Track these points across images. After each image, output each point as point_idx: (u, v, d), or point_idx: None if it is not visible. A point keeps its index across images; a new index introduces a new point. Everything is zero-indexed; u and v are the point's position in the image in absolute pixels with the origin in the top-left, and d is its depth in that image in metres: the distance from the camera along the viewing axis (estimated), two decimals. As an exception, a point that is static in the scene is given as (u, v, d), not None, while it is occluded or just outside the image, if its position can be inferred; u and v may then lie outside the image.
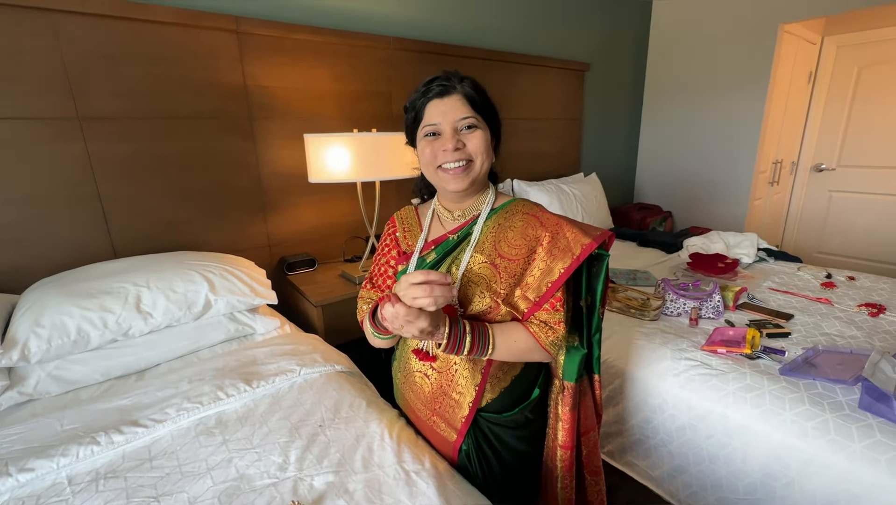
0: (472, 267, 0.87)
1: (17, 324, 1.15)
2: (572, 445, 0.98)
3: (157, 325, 1.28)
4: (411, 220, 1.01)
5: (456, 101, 0.84)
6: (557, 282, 0.83)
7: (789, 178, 3.80)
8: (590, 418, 1.03)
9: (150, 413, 1.03)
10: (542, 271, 0.85)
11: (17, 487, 0.84)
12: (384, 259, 1.00)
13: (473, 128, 0.84)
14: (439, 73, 0.87)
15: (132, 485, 0.86)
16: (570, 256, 0.83)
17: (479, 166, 0.86)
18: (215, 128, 1.68)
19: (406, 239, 0.98)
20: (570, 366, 0.96)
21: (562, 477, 1.00)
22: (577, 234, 0.85)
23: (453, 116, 0.83)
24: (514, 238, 0.87)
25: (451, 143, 0.83)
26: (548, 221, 0.88)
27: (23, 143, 1.35)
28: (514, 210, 0.91)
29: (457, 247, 0.90)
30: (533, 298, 0.85)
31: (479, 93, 0.86)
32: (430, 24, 2.21)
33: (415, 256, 0.92)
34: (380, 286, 0.99)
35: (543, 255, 0.85)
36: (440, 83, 0.84)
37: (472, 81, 0.86)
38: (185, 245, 1.69)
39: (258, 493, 0.83)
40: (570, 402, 0.96)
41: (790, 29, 3.01)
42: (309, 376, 1.21)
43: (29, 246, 1.41)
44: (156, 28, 1.50)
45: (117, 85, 1.47)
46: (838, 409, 1.12)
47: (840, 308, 1.70)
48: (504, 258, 0.86)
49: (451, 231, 0.93)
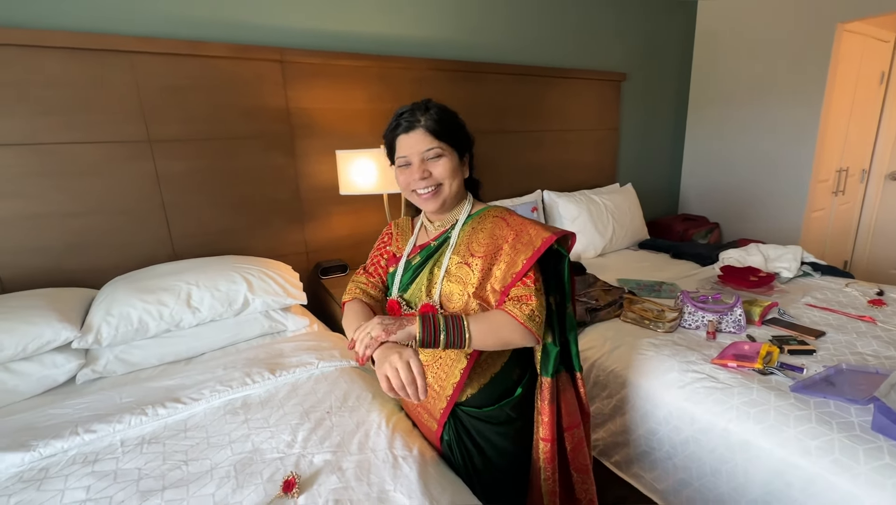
0: (450, 267, 0.98)
1: (93, 313, 1.38)
2: (552, 438, 1.02)
3: (204, 318, 1.48)
4: (406, 227, 1.14)
5: (420, 135, 0.94)
6: (521, 272, 0.91)
7: (859, 187, 3.50)
8: (572, 415, 1.07)
9: (189, 392, 1.21)
10: (508, 264, 0.93)
11: (83, 444, 1.04)
12: (378, 252, 1.15)
13: (439, 157, 0.95)
14: (406, 107, 0.97)
15: (168, 450, 1.02)
16: (532, 248, 0.91)
17: (448, 188, 0.98)
18: (261, 146, 1.89)
19: (398, 243, 1.11)
20: (545, 362, 1.01)
21: (543, 469, 1.05)
22: (539, 230, 0.93)
23: (419, 149, 0.95)
24: (484, 238, 0.97)
25: (417, 174, 0.95)
26: (513, 222, 0.97)
27: (105, 163, 1.62)
28: (486, 215, 1.01)
29: (437, 250, 1.01)
30: (499, 288, 0.94)
31: (443, 123, 0.95)
32: (460, 43, 2.34)
33: (403, 258, 1.05)
34: (371, 273, 1.13)
35: (508, 249, 0.94)
36: (406, 119, 0.95)
37: (436, 112, 0.95)
38: (233, 250, 1.91)
39: (266, 464, 0.97)
40: (547, 396, 1.01)
41: (852, 28, 2.82)
42: (326, 370, 1.35)
43: (108, 249, 1.68)
44: (212, 62, 1.74)
45: (180, 112, 1.72)
46: (847, 429, 1.08)
47: (884, 327, 1.59)
48: (475, 256, 0.96)
49: (432, 238, 1.04)
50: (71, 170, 1.57)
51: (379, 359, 0.86)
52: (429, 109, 0.96)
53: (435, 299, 0.97)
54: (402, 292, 1.03)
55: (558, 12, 2.65)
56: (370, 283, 1.12)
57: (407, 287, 1.03)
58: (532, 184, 2.74)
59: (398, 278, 1.04)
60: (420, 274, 1.01)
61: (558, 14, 2.65)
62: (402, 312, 1.01)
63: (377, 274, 1.12)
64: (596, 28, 2.84)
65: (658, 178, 3.55)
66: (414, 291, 1.01)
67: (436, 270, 0.99)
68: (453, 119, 0.98)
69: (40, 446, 1.00)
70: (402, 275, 1.04)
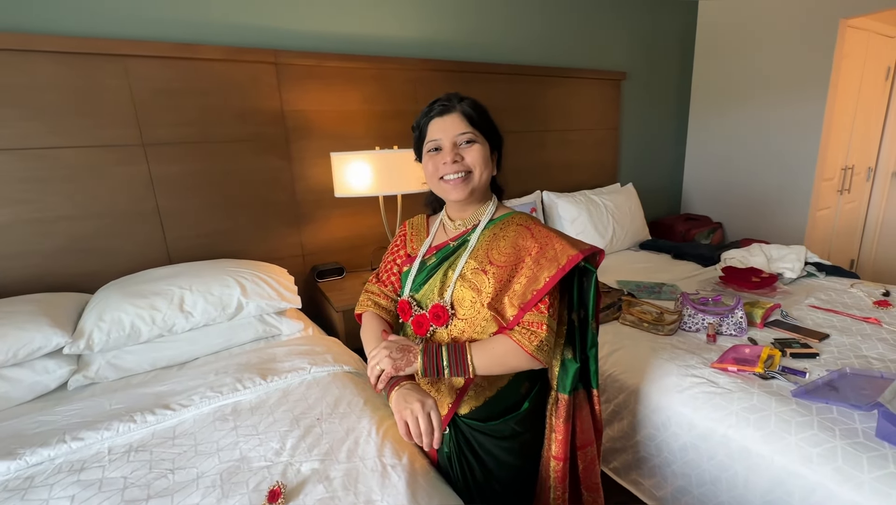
0: (465, 272, 0.94)
1: (85, 318, 1.37)
2: (565, 457, 0.99)
3: (197, 323, 1.47)
4: (420, 227, 1.10)
5: (455, 119, 0.92)
6: (542, 290, 0.86)
7: (865, 185, 3.45)
8: (587, 432, 1.03)
9: (179, 399, 1.19)
10: (529, 279, 0.88)
11: (70, 452, 1.02)
12: (392, 258, 1.10)
13: (472, 142, 0.92)
14: (441, 96, 0.96)
15: (155, 458, 1.01)
16: (556, 265, 0.86)
17: (478, 177, 0.93)
18: (256, 149, 1.88)
19: (412, 243, 1.08)
20: (563, 378, 0.98)
21: (554, 487, 1.01)
22: (565, 246, 0.88)
23: (453, 132, 0.92)
24: (505, 247, 0.93)
25: (450, 157, 0.91)
26: (538, 234, 0.92)
27: (99, 167, 1.61)
28: (509, 222, 0.97)
29: (454, 252, 0.98)
30: (518, 304, 0.89)
31: (478, 111, 0.94)
32: (456, 44, 2.32)
33: (418, 259, 1.01)
34: (384, 281, 1.09)
35: (531, 263, 0.89)
36: (441, 104, 0.93)
37: (471, 101, 0.94)
38: (229, 253, 1.90)
39: (253, 473, 0.95)
40: (563, 414, 0.98)
41: (856, 24, 2.78)
42: (318, 375, 1.33)
43: (103, 253, 1.67)
44: (206, 64, 1.73)
45: (174, 115, 1.71)
46: (851, 436, 1.05)
47: (889, 329, 1.55)
48: (494, 265, 0.92)
49: (451, 238, 1.00)
50: (64, 174, 1.56)
51: (400, 403, 0.84)
52: (464, 99, 0.94)
53: (446, 300, 0.94)
54: (413, 293, 1.00)
55: (556, 11, 2.62)
56: (382, 293, 1.09)
57: (419, 287, 0.99)
58: (531, 184, 2.71)
59: (411, 278, 1.01)
60: (434, 275, 0.98)
61: (556, 12, 2.62)
62: (412, 312, 0.98)
63: (389, 282, 1.08)
64: (595, 26, 2.81)
65: (660, 178, 3.51)
66: (426, 292, 0.98)
67: (450, 273, 0.95)
68: (487, 112, 0.96)
69: (27, 454, 0.99)
70: (415, 275, 1.00)
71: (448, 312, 0.93)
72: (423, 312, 0.97)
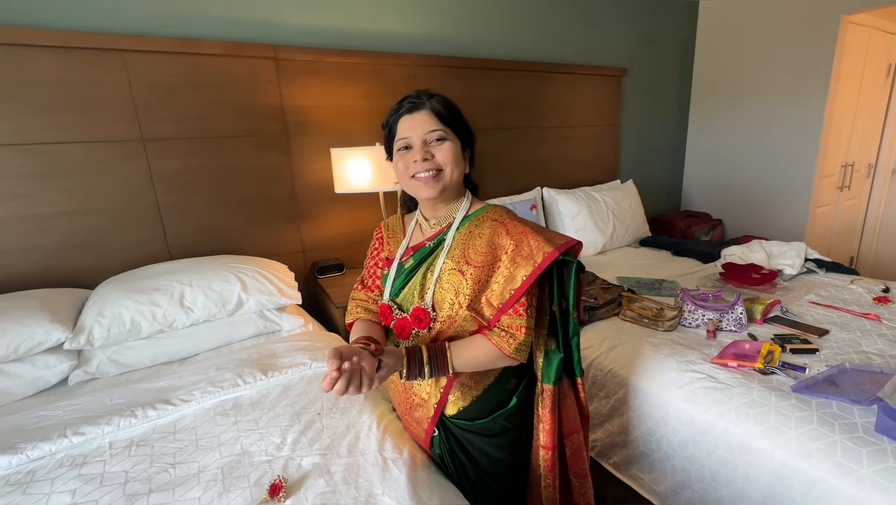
0: (443, 273, 0.92)
1: (85, 314, 1.37)
2: (553, 446, 1.00)
3: (197, 318, 1.47)
4: (396, 227, 1.07)
5: (424, 116, 0.90)
6: (520, 289, 0.86)
7: (865, 182, 3.44)
8: (572, 420, 1.04)
9: (180, 394, 1.20)
10: (506, 278, 0.87)
11: (71, 446, 1.03)
12: (373, 262, 1.08)
13: (442, 140, 0.90)
14: (410, 93, 0.94)
15: (157, 452, 1.01)
16: (532, 263, 0.85)
17: (449, 175, 0.91)
18: (255, 144, 1.88)
19: (389, 245, 1.05)
20: (547, 369, 0.98)
21: (544, 476, 1.02)
22: (540, 242, 0.87)
23: (422, 130, 0.90)
24: (481, 245, 0.91)
25: (420, 155, 0.89)
26: (514, 230, 0.90)
27: (97, 163, 1.60)
28: (484, 217, 0.95)
29: (432, 253, 0.95)
30: (497, 304, 0.88)
31: (448, 108, 0.92)
32: (456, 39, 2.31)
33: (395, 261, 0.99)
34: (369, 287, 1.07)
35: (507, 262, 0.88)
36: (410, 101, 0.91)
37: (441, 98, 0.93)
38: (229, 249, 1.90)
39: (254, 467, 0.95)
40: (549, 404, 0.98)
41: (857, 20, 2.77)
42: (318, 370, 1.33)
43: (103, 249, 1.67)
44: (205, 59, 1.72)
45: (174, 110, 1.70)
46: (850, 430, 1.05)
47: (889, 325, 1.55)
48: (470, 265, 0.90)
49: (427, 238, 0.98)
50: (63, 170, 1.55)
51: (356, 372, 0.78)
52: (434, 95, 0.93)
53: (427, 302, 0.92)
54: (393, 297, 0.98)
55: (557, 6, 2.61)
56: (370, 298, 1.06)
57: (399, 291, 0.97)
58: (531, 181, 2.71)
59: (390, 282, 0.99)
60: (413, 277, 0.96)
61: (557, 8, 2.61)
62: (393, 316, 0.97)
63: (375, 286, 1.06)
64: (596, 22, 2.80)
65: (660, 175, 3.51)
66: (406, 296, 0.96)
67: (429, 275, 0.94)
68: (457, 109, 0.95)
69: (28, 449, 0.99)
70: (393, 279, 0.98)
71: (430, 315, 0.92)
72: (404, 316, 0.95)
